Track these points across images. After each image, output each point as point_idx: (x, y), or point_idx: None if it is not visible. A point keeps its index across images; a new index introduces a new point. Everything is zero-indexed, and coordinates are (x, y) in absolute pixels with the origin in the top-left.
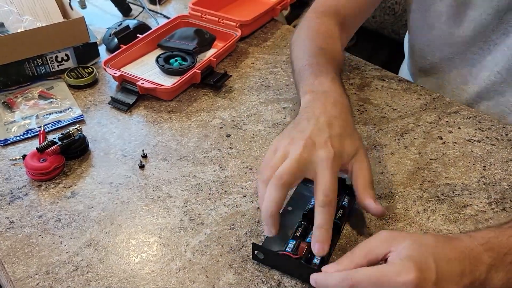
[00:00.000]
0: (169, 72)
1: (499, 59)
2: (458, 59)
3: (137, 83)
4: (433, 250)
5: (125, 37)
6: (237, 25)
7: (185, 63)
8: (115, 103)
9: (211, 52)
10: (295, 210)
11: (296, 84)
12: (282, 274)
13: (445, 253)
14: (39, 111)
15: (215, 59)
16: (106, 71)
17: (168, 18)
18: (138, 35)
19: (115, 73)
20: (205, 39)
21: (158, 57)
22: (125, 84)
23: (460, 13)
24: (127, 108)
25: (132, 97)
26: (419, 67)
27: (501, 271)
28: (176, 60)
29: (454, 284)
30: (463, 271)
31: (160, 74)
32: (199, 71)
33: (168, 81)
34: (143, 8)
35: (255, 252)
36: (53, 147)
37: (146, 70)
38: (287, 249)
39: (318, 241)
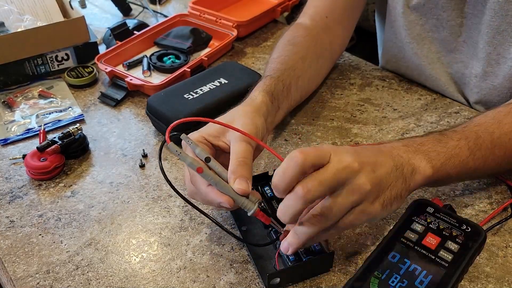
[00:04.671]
0: (160, 69)
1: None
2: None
3: (125, 79)
4: (357, 149)
5: (121, 33)
6: (234, 25)
7: (178, 61)
8: (104, 98)
9: (206, 51)
10: (248, 227)
11: None
12: None
13: (367, 149)
14: (39, 110)
15: (206, 58)
16: (98, 66)
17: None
18: (135, 31)
19: (106, 69)
20: (201, 38)
21: (152, 54)
22: (116, 80)
23: None
24: (115, 103)
25: (121, 92)
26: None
27: (423, 158)
28: (169, 58)
29: (385, 166)
30: (383, 156)
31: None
32: (189, 70)
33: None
34: (143, 7)
35: (271, 282)
36: (53, 147)
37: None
38: (291, 258)
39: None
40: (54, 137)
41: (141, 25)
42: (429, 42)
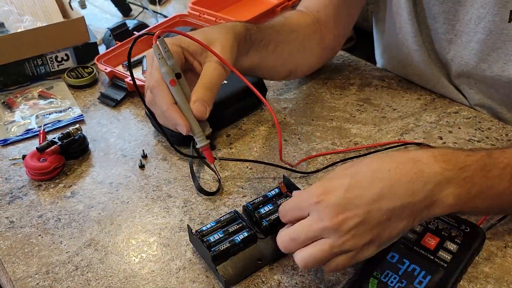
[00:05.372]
0: None
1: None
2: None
3: (125, 79)
4: (350, 181)
5: (121, 34)
6: None
7: None
8: (104, 99)
9: None
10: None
11: None
12: (283, 274)
13: (371, 170)
14: (39, 111)
15: None
16: (98, 66)
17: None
18: (134, 32)
19: (105, 69)
20: None
21: None
22: (115, 80)
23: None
24: (115, 104)
25: (120, 93)
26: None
27: (454, 184)
28: None
29: (387, 200)
30: (395, 182)
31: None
32: None
33: None
34: (143, 8)
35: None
36: (53, 147)
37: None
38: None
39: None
40: (54, 138)
41: (141, 26)
42: (433, 51)
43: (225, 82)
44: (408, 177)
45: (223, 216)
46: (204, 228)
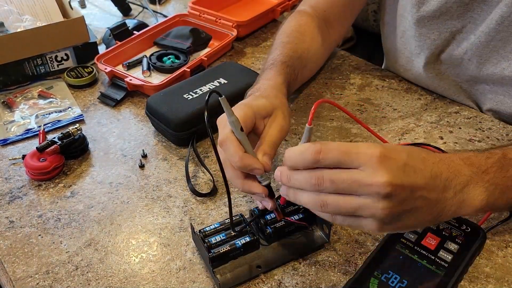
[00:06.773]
0: (159, 69)
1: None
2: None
3: (125, 79)
4: (408, 155)
5: (121, 33)
6: (234, 25)
7: (178, 61)
8: (104, 98)
9: (206, 51)
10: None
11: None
12: (283, 274)
13: (421, 157)
14: (39, 110)
15: (206, 59)
16: (98, 66)
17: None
18: (134, 31)
19: (105, 69)
20: (200, 38)
21: (152, 54)
22: (115, 80)
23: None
24: (114, 103)
25: (120, 93)
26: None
27: (480, 186)
28: (169, 58)
29: (429, 189)
30: (438, 174)
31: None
32: (189, 70)
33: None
34: (143, 7)
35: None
36: (52, 147)
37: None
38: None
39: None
40: (54, 138)
41: (141, 25)
42: (438, 55)
43: (225, 82)
44: (446, 175)
45: (229, 218)
46: (207, 228)
